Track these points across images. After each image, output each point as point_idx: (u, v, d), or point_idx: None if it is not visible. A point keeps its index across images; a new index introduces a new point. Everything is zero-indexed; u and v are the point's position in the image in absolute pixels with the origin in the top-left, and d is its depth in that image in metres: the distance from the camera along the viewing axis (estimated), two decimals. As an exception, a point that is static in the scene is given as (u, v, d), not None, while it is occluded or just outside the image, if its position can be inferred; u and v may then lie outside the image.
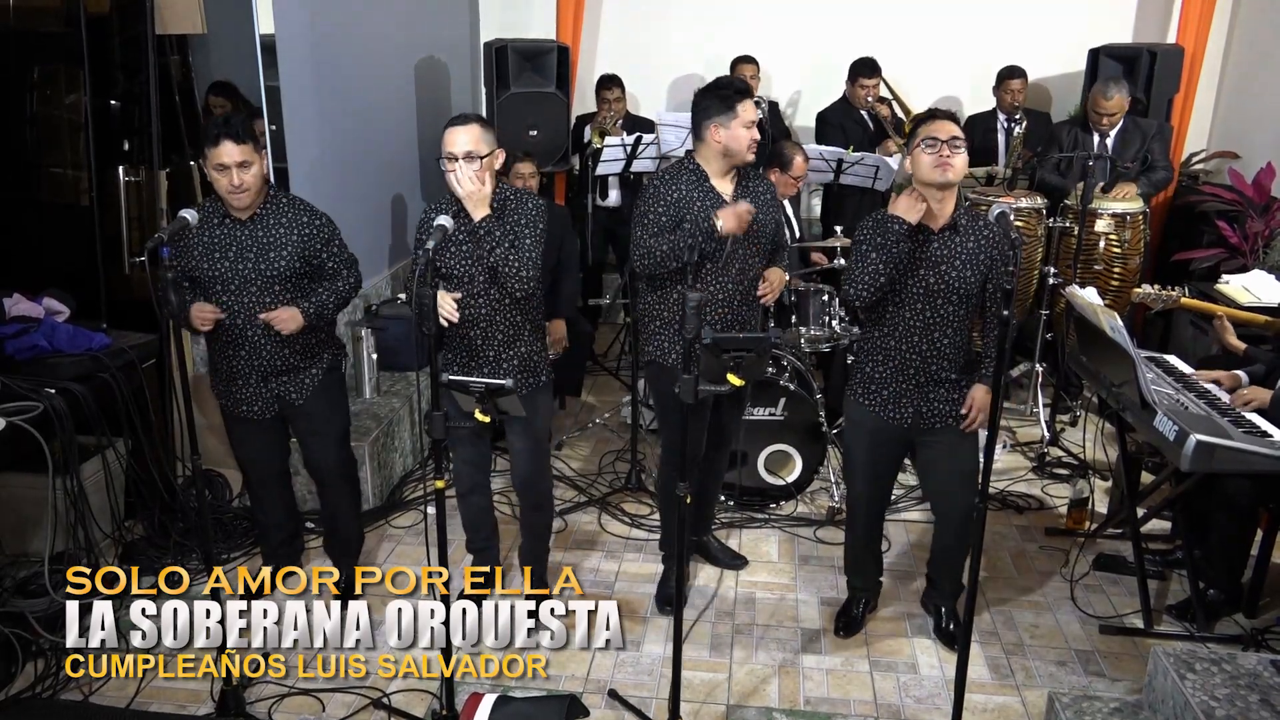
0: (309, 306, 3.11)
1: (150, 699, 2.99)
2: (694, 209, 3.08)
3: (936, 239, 2.91)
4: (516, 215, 3.05)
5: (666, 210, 3.10)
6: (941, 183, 2.84)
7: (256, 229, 3.07)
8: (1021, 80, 5.73)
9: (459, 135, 2.92)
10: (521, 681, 3.09)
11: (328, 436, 3.36)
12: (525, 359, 3.19)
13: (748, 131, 3.05)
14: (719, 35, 6.52)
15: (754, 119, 3.06)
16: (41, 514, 3.29)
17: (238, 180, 2.93)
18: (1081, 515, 4.03)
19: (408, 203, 5.59)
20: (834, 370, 4.73)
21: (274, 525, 3.53)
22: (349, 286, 3.23)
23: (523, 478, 3.36)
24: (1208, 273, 5.22)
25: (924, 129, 2.89)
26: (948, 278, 2.90)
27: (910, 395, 3.02)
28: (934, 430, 3.05)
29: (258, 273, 3.05)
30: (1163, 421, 2.90)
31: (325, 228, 3.16)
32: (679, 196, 3.10)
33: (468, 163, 2.91)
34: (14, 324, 3.43)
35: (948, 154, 2.82)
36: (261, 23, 4.17)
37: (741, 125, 3.05)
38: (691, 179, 3.14)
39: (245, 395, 3.21)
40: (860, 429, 3.16)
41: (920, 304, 2.93)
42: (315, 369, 3.26)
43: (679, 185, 3.12)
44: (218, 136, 2.91)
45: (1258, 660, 2.61)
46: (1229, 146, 6.08)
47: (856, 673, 3.17)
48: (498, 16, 6.77)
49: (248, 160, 2.94)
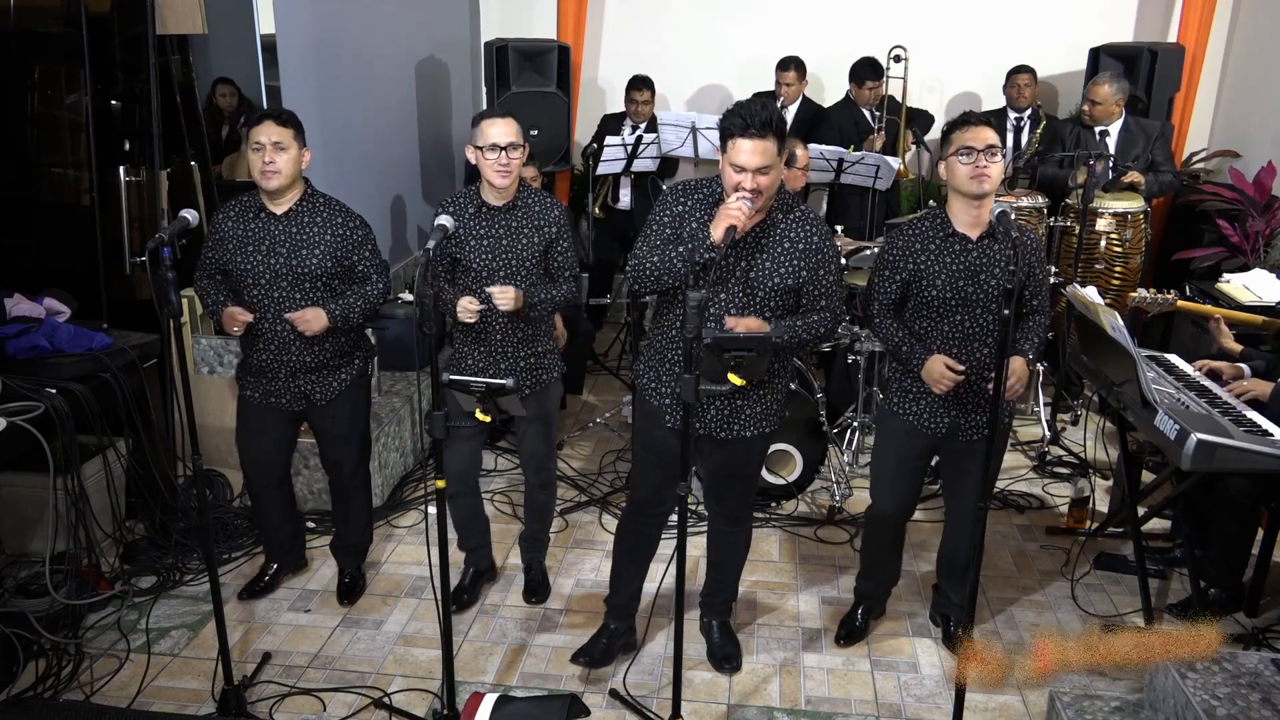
0: (335, 309, 3.13)
1: (152, 699, 2.99)
2: (694, 227, 2.73)
3: (975, 248, 2.84)
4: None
5: (669, 223, 2.77)
6: (978, 194, 2.77)
7: (291, 225, 3.09)
8: (1028, 75, 5.72)
9: (499, 127, 3.02)
10: (522, 681, 3.10)
11: (348, 439, 3.39)
12: (541, 356, 3.26)
13: (734, 174, 2.58)
14: (721, 35, 6.54)
15: (743, 164, 2.54)
16: (42, 514, 3.29)
17: (269, 158, 2.98)
18: (1082, 514, 4.03)
19: (408, 202, 5.60)
20: (834, 369, 4.73)
21: (274, 526, 3.53)
22: (377, 292, 3.24)
23: (531, 453, 3.40)
24: (1209, 272, 5.23)
25: (959, 136, 2.78)
26: (987, 287, 2.82)
27: (948, 406, 2.96)
28: (971, 440, 2.99)
29: (289, 269, 3.08)
30: (1164, 420, 2.90)
31: (359, 230, 3.19)
32: (683, 210, 2.76)
33: (510, 152, 3.02)
34: (15, 324, 3.43)
35: (984, 164, 2.73)
36: (262, 22, 4.17)
37: (728, 164, 2.60)
38: (703, 198, 2.75)
39: (274, 389, 3.23)
40: (893, 438, 3.10)
41: (959, 315, 2.87)
42: (344, 372, 3.29)
43: (687, 199, 2.77)
44: (261, 117, 3.01)
45: (1259, 659, 2.61)
46: (1230, 145, 6.08)
47: (857, 672, 3.17)
48: (498, 16, 6.78)
49: (283, 143, 2.99)
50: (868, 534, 3.33)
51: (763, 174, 2.55)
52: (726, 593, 3.25)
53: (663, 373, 2.87)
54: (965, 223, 2.85)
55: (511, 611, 3.48)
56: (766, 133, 2.53)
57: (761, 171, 2.55)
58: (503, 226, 3.12)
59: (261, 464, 3.38)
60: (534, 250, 3.13)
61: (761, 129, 2.52)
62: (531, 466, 3.45)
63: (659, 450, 2.91)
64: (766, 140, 2.53)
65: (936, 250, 2.87)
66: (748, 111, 2.53)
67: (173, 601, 3.49)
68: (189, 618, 3.39)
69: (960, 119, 2.85)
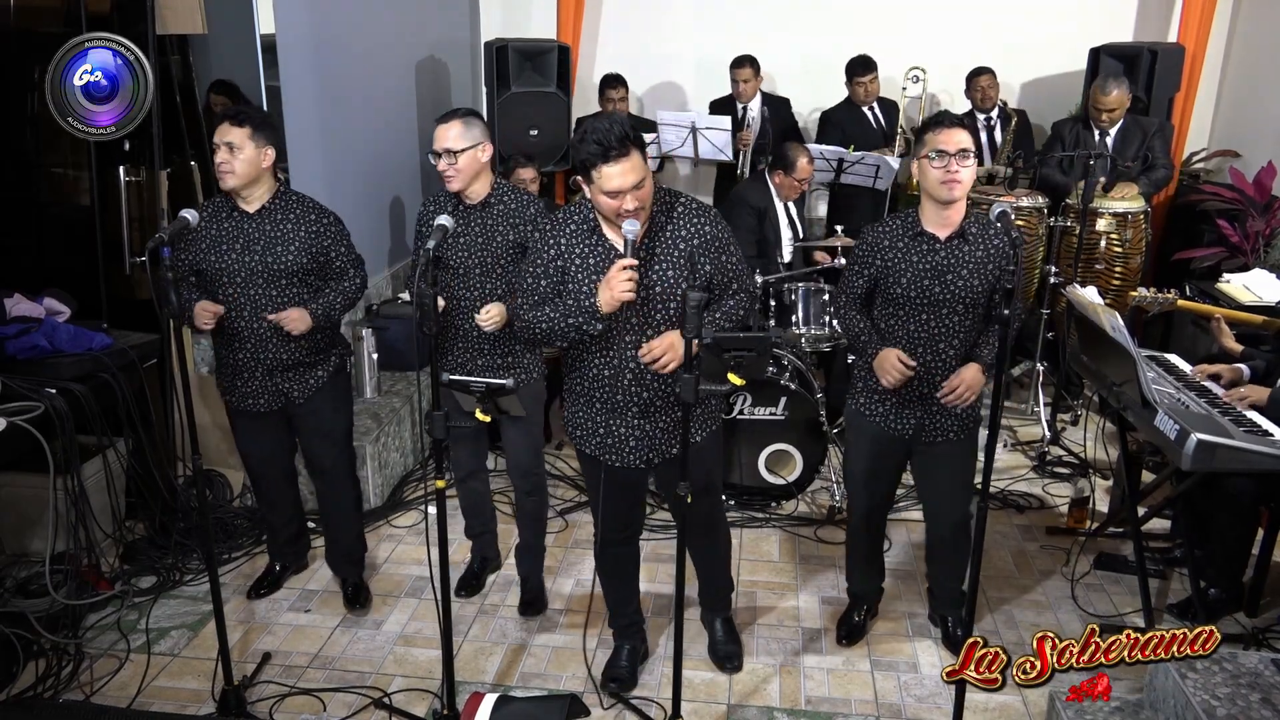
0: (317, 307, 3.13)
1: (152, 699, 2.99)
2: (574, 269, 2.61)
3: (944, 247, 2.83)
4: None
5: (547, 272, 2.63)
6: (947, 200, 2.76)
7: (264, 223, 3.09)
8: (989, 76, 5.81)
9: (440, 131, 3.05)
10: (522, 681, 3.10)
11: (329, 436, 3.37)
12: (520, 354, 3.24)
13: (610, 200, 2.47)
14: (719, 35, 6.52)
15: (617, 188, 2.44)
16: (42, 514, 3.29)
17: (221, 158, 3.01)
18: (1082, 514, 4.03)
19: (407, 203, 5.59)
20: (835, 369, 4.73)
21: (279, 523, 3.54)
22: (355, 286, 3.25)
23: (515, 461, 3.38)
24: (1209, 272, 5.22)
25: (931, 138, 2.75)
26: (954, 287, 2.82)
27: (913, 407, 2.96)
28: (935, 443, 3.00)
29: (264, 266, 3.07)
30: (1164, 420, 2.90)
31: (333, 225, 3.19)
32: (558, 253, 2.63)
33: (449, 158, 3.03)
34: (15, 324, 3.43)
35: (955, 168, 2.70)
36: (262, 22, 4.17)
37: (600, 193, 2.48)
38: (577, 230, 2.64)
39: (250, 389, 3.22)
40: (861, 438, 3.11)
41: (925, 314, 2.86)
42: (321, 369, 3.28)
43: (559, 238, 2.63)
44: (222, 116, 3.04)
45: (1259, 659, 2.61)
46: (1230, 145, 6.08)
47: (857, 672, 3.17)
48: (498, 16, 6.78)
49: (236, 143, 3.00)
50: (848, 536, 3.35)
51: (638, 189, 2.47)
52: (723, 589, 3.25)
53: (592, 415, 2.78)
54: (934, 222, 2.84)
55: (512, 611, 3.47)
56: (627, 148, 2.44)
57: (636, 187, 2.46)
58: (479, 224, 3.13)
59: (261, 461, 3.40)
60: (508, 247, 3.13)
61: (621, 146, 2.43)
62: (518, 473, 3.41)
63: (616, 486, 2.85)
64: (630, 157, 2.45)
65: (904, 249, 2.87)
66: (600, 136, 2.43)
67: (173, 601, 3.49)
68: (189, 618, 3.39)
69: (934, 119, 2.81)
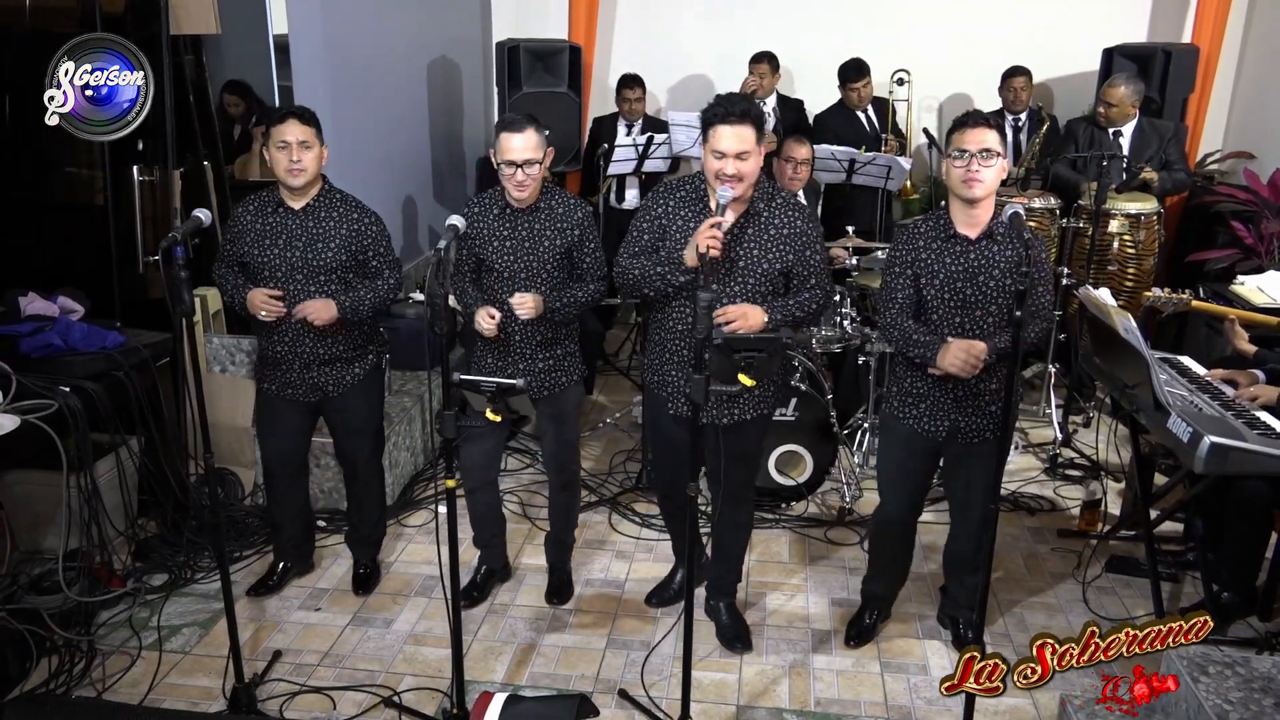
0: (345, 301, 3.17)
1: (163, 696, 3.00)
2: (675, 229, 2.87)
3: (974, 249, 2.81)
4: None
5: (650, 228, 2.91)
6: (969, 198, 2.76)
7: (308, 220, 3.15)
8: (1024, 78, 5.72)
9: (517, 141, 2.99)
10: (532, 681, 3.10)
11: (362, 432, 3.44)
12: (560, 359, 3.25)
13: (715, 161, 2.70)
14: (733, 34, 6.52)
15: (723, 149, 2.67)
16: (55, 511, 3.31)
17: (296, 157, 3.04)
18: (1094, 517, 4.01)
19: (419, 202, 5.61)
20: (845, 371, 4.72)
21: (287, 520, 3.55)
22: (388, 288, 3.27)
23: (550, 455, 3.42)
24: (1222, 273, 5.19)
25: (957, 137, 2.75)
26: (985, 288, 2.80)
27: (948, 409, 2.94)
28: (971, 444, 2.98)
29: (305, 262, 3.13)
30: (1177, 423, 2.88)
31: (374, 225, 3.24)
32: (664, 212, 2.89)
33: (527, 169, 3.01)
34: (29, 322, 3.45)
35: (976, 168, 2.70)
36: (275, 23, 4.20)
37: (709, 151, 2.72)
38: (686, 196, 2.89)
39: (289, 380, 3.28)
40: (895, 440, 3.09)
41: (958, 316, 2.85)
42: (358, 366, 3.34)
43: (668, 200, 2.90)
44: (284, 115, 3.06)
45: (1272, 664, 2.59)
46: (1244, 146, 6.04)
47: (867, 674, 3.17)
48: (510, 16, 6.79)
49: (309, 142, 3.06)
50: (875, 535, 3.33)
51: (742, 160, 2.68)
52: (732, 573, 3.31)
53: (664, 364, 3.01)
54: (963, 223, 2.84)
55: (521, 611, 3.48)
56: (745, 119, 2.67)
57: (740, 157, 2.67)
58: (525, 228, 3.11)
59: (280, 452, 3.42)
60: (556, 251, 3.12)
61: (740, 116, 2.67)
62: (552, 468, 3.46)
63: (667, 438, 3.13)
64: (744, 127, 2.67)
65: (938, 250, 2.86)
66: (727, 101, 2.70)
67: (184, 599, 3.50)
68: (200, 615, 3.41)
69: (961, 119, 2.80)
